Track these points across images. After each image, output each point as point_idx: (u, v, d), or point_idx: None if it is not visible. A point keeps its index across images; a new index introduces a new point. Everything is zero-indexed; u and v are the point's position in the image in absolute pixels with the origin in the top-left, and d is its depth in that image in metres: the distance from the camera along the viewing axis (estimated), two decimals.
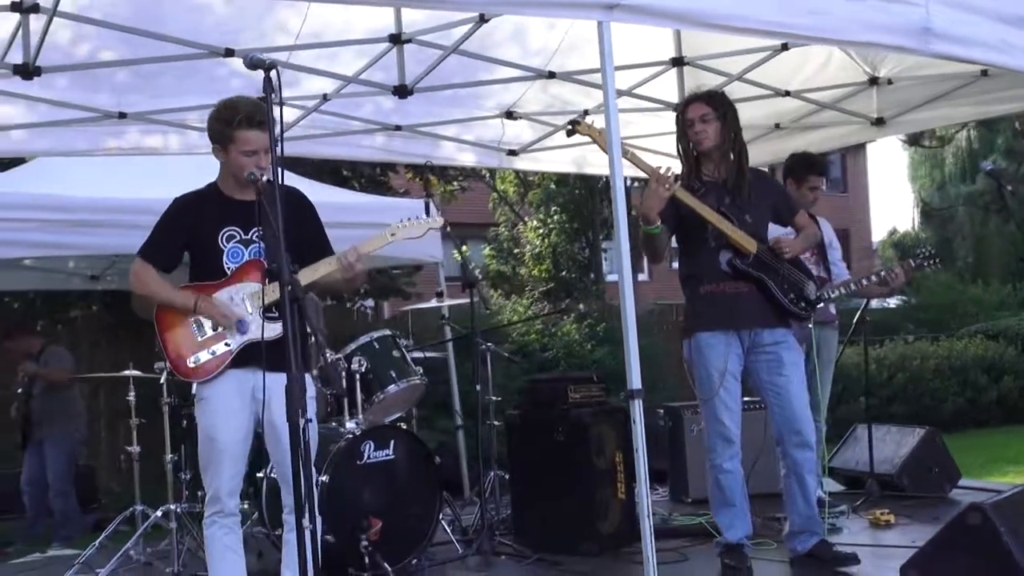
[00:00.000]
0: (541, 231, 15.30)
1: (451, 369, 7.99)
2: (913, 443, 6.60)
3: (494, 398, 6.19)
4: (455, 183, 14.51)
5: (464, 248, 18.30)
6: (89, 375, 7.83)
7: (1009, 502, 4.11)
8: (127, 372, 5.86)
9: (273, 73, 3.30)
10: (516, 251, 16.29)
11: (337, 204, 7.73)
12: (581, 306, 13.73)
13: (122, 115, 6.30)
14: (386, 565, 4.89)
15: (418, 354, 6.80)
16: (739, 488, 4.95)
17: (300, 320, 3.90)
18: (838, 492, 6.83)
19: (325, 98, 6.36)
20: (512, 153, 7.70)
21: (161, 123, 6.51)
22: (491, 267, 16.90)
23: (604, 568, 5.06)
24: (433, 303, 6.46)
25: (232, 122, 4.11)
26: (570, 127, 4.69)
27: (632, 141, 7.74)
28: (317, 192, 8.18)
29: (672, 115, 6.70)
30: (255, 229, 4.20)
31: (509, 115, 7.31)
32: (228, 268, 4.16)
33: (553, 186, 14.79)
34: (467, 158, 7.87)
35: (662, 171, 4.62)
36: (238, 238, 4.20)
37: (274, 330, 4.01)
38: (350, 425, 5.26)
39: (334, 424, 5.38)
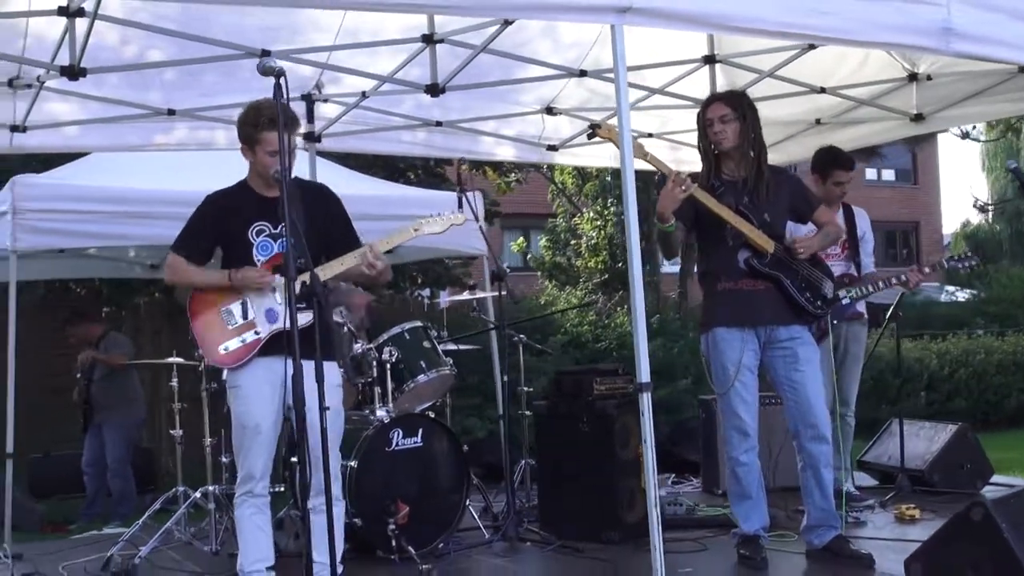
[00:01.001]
0: (598, 223, 15.38)
1: (494, 360, 8.14)
2: (945, 439, 6.61)
3: (526, 389, 6.33)
4: (511, 175, 14.64)
5: (520, 240, 18.50)
6: (139, 361, 8.12)
7: (1012, 498, 4.16)
8: (170, 359, 6.12)
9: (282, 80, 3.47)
10: (573, 242, 16.37)
11: (378, 197, 7.94)
12: None
13: (171, 112, 6.57)
14: (411, 548, 5.06)
15: (464, 346, 6.93)
16: (755, 480, 5.04)
17: (324, 312, 4.12)
18: (869, 487, 6.88)
19: (364, 95, 6.55)
20: (552, 148, 7.82)
21: (208, 119, 6.75)
22: (547, 258, 17.02)
23: (623, 556, 5.17)
24: (466, 295, 6.61)
25: (257, 124, 4.33)
26: (591, 130, 4.80)
27: (669, 137, 7.87)
28: (355, 185, 8.45)
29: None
30: (283, 224, 4.40)
31: (549, 111, 7.44)
32: (258, 261, 4.38)
33: (609, 178, 14.84)
34: (506, 153, 8.01)
35: (679, 174, 4.73)
36: (267, 232, 4.41)
37: (301, 319, 4.22)
38: (380, 413, 5.44)
39: (365, 412, 5.56)
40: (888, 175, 31.52)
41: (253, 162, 4.41)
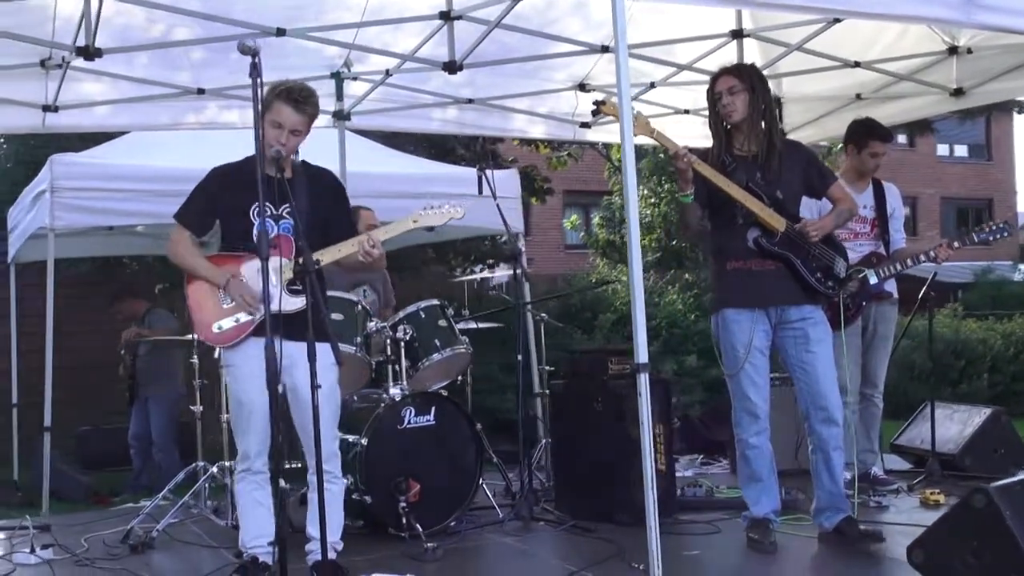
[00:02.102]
0: (652, 200, 15.24)
1: (530, 339, 8.12)
2: (978, 423, 6.46)
3: (548, 368, 6.33)
4: (563, 150, 14.58)
5: (574, 218, 18.44)
6: (173, 337, 8.24)
7: (1018, 485, 4.04)
8: (190, 336, 6.19)
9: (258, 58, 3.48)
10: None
11: (415, 176, 7.97)
12: (687, 276, 13.67)
13: (200, 91, 6.66)
14: (418, 526, 5.08)
15: (489, 324, 6.91)
16: (766, 463, 4.98)
17: (317, 293, 4.16)
18: (902, 471, 6.75)
19: (388, 73, 6.56)
20: (585, 126, 7.78)
21: (238, 98, 6.83)
22: (600, 236, 16.92)
23: (633, 536, 5.13)
24: (484, 274, 6.60)
25: (275, 90, 4.36)
26: (595, 107, 4.76)
27: (705, 113, 7.76)
28: (393, 162, 8.47)
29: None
30: (285, 205, 4.41)
31: (582, 87, 7.40)
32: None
33: (662, 155, 14.69)
34: (538, 130, 8.00)
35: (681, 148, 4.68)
36: (269, 212, 4.42)
37: (295, 303, 4.26)
38: (394, 392, 5.45)
39: (379, 391, 5.58)
40: (961, 151, 30.79)
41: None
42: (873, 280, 5.97)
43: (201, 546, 5.47)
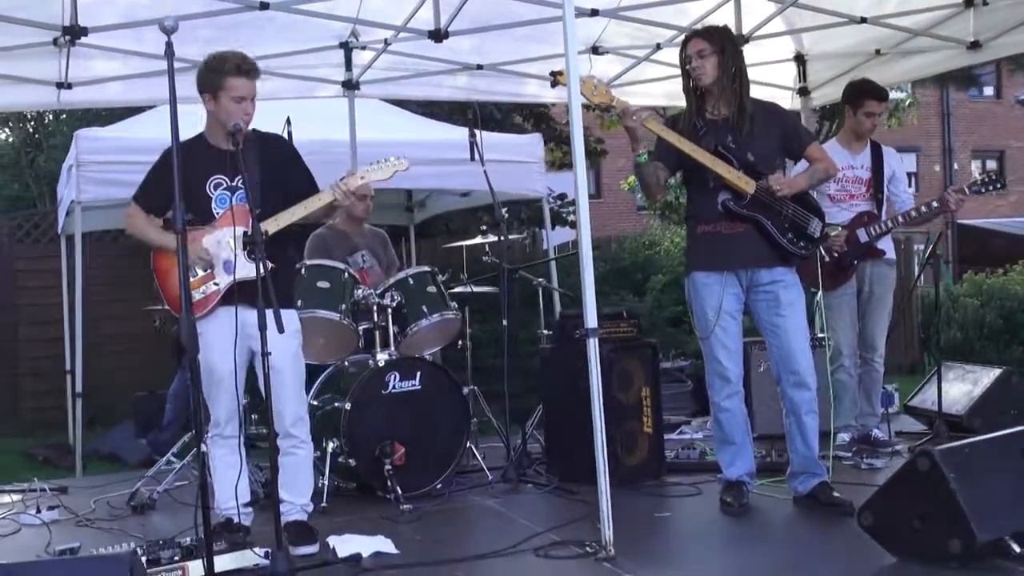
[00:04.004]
0: None
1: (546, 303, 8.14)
2: (987, 384, 6.33)
3: (546, 332, 6.39)
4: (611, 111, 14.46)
5: (631, 179, 17.97)
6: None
7: (966, 448, 3.99)
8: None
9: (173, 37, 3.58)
10: None
11: (428, 142, 8.04)
12: None
13: None
14: (398, 488, 5.20)
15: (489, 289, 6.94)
16: (738, 426, 4.97)
17: (277, 261, 4.29)
18: (913, 432, 6.66)
19: (386, 43, 6.63)
20: None
21: None
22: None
23: (620, 498, 5.19)
24: (478, 239, 6.64)
25: (222, 70, 4.48)
26: (552, 78, 4.79)
27: None
28: (420, 129, 8.55)
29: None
30: (239, 176, 4.51)
31: (595, 50, 7.37)
32: (216, 214, 4.55)
33: None
34: (551, 95, 7.96)
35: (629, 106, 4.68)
36: (224, 185, 4.57)
37: (252, 271, 4.37)
38: (381, 357, 5.56)
39: (366, 357, 5.69)
40: None
41: (215, 111, 4.54)
42: (864, 238, 5.91)
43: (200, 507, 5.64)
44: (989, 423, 6.21)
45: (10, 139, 17.13)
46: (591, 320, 4.26)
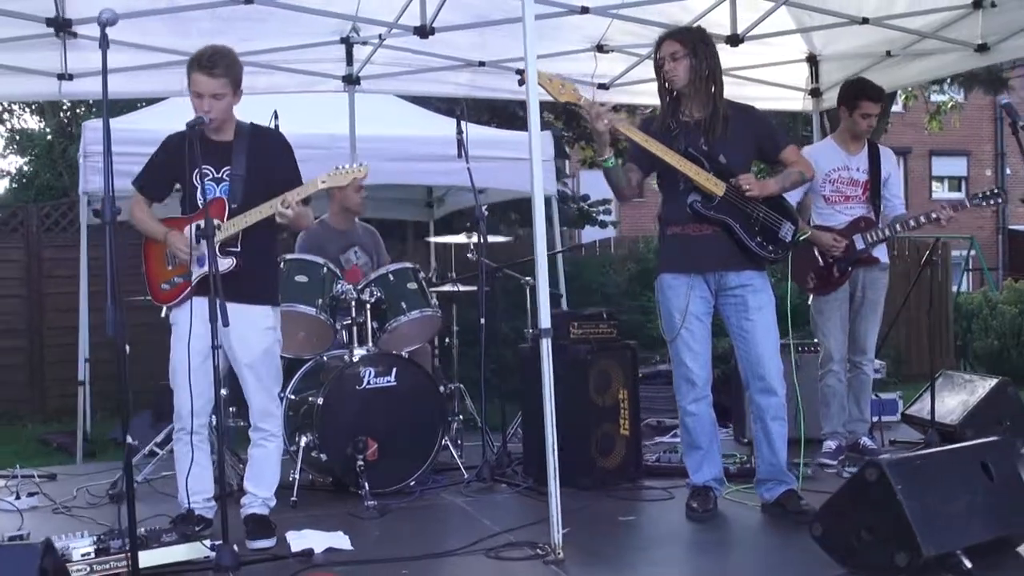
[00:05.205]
0: None
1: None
2: (982, 394, 6.19)
3: (531, 330, 6.35)
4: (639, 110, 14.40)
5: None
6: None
7: (917, 459, 3.90)
8: None
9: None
10: None
11: (429, 138, 8.03)
12: None
13: None
14: (366, 484, 5.20)
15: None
16: (705, 431, 4.90)
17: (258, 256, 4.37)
18: (909, 441, 6.53)
19: (380, 38, 6.63)
20: (603, 87, 7.69)
21: (247, 64, 6.97)
22: None
23: (590, 500, 5.18)
24: (462, 238, 6.61)
25: (190, 65, 4.53)
26: (520, 77, 4.76)
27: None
28: (432, 125, 8.53)
29: (727, 48, 6.58)
30: (225, 168, 4.59)
31: (600, 48, 7.32)
32: (201, 204, 4.57)
33: None
34: None
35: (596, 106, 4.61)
36: (211, 176, 4.61)
37: (224, 264, 4.41)
38: (358, 352, 5.56)
39: (343, 353, 5.70)
40: None
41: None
42: (860, 245, 5.82)
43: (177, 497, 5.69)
44: (982, 434, 6.04)
45: (46, 128, 17.42)
46: (545, 320, 4.26)
